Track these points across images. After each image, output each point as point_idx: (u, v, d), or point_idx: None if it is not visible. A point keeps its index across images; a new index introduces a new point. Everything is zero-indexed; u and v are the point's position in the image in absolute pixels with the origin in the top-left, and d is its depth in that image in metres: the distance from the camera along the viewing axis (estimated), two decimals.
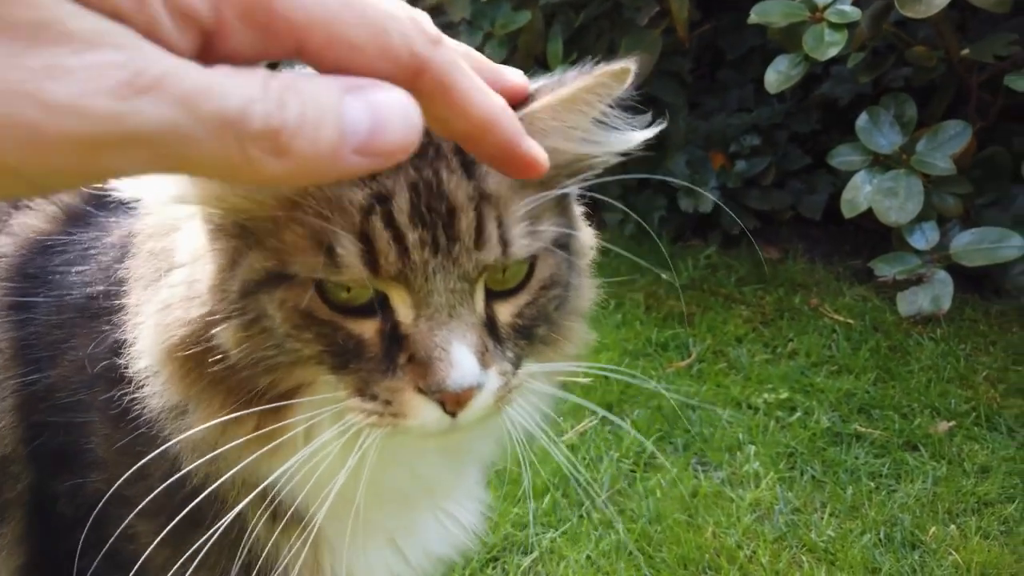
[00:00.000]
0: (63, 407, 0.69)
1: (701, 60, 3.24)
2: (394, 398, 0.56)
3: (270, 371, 0.59)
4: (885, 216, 2.28)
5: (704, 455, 1.74)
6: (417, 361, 0.55)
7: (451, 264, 0.54)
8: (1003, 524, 1.52)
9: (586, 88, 0.55)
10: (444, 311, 0.55)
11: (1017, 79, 2.16)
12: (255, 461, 0.60)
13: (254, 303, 0.56)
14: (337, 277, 0.54)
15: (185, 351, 0.59)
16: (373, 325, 0.56)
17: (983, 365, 1.99)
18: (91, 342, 0.69)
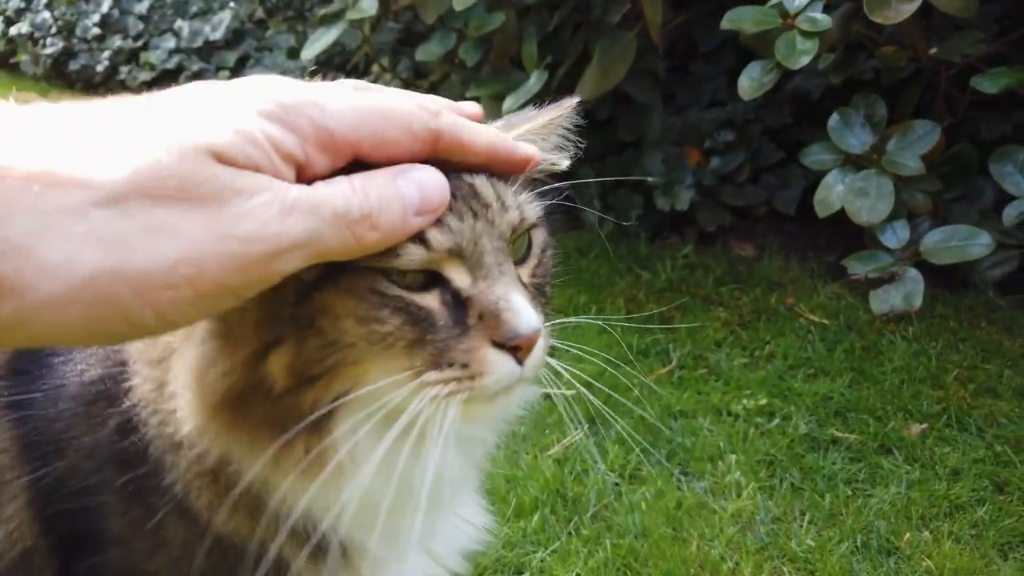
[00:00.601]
0: (75, 494, 0.71)
1: (674, 53, 3.26)
2: (471, 358, 0.61)
3: (316, 380, 0.61)
4: (857, 216, 2.33)
5: (687, 465, 1.79)
6: (487, 317, 0.61)
7: (489, 226, 0.63)
8: (974, 528, 1.58)
9: (547, 124, 0.73)
10: (495, 269, 0.62)
11: (983, 80, 2.20)
12: (304, 492, 0.63)
13: (308, 307, 0.59)
14: (395, 262, 0.58)
15: (233, 398, 0.62)
16: (435, 297, 0.61)
17: (953, 364, 2.06)
18: (93, 427, 0.71)
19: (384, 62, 3.44)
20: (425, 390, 0.61)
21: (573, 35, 2.84)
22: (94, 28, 5.41)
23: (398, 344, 0.60)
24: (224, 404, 0.62)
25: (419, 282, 0.61)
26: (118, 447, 0.69)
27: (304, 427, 0.61)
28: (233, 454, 0.65)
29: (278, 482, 0.64)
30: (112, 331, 0.45)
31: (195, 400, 0.63)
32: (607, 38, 2.62)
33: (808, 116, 2.98)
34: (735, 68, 2.99)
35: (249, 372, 0.61)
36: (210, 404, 0.62)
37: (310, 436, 0.62)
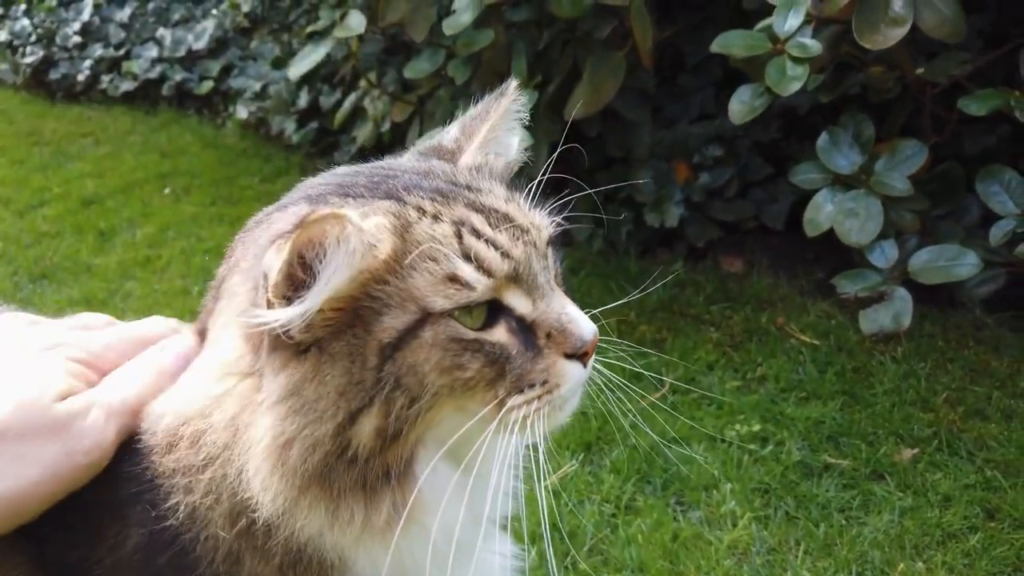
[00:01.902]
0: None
1: (661, 66, 3.26)
2: (549, 374, 0.67)
3: (402, 435, 0.63)
4: (847, 237, 2.34)
5: (682, 494, 1.80)
6: (554, 335, 0.68)
7: (533, 248, 0.68)
8: (966, 557, 1.60)
9: (498, 116, 0.78)
10: (547, 288, 0.69)
11: (971, 103, 2.22)
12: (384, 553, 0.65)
13: (392, 367, 0.62)
14: (469, 297, 0.63)
15: (319, 472, 0.63)
16: (502, 329, 0.66)
17: (943, 385, 2.08)
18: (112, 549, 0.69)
19: (371, 75, 3.42)
20: (511, 415, 0.66)
21: (562, 52, 2.83)
22: (75, 36, 5.35)
23: (479, 386, 0.65)
24: (311, 480, 0.63)
25: (484, 319, 0.65)
26: (148, 563, 0.69)
27: (389, 483, 0.64)
28: (321, 530, 0.65)
29: (360, 549, 0.66)
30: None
31: (278, 482, 0.63)
32: (596, 56, 2.62)
33: (796, 131, 3.00)
34: (723, 81, 3.01)
35: (336, 443, 0.62)
36: (295, 484, 0.63)
37: (395, 491, 0.65)
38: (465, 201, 0.68)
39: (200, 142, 4.30)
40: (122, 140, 4.45)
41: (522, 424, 0.66)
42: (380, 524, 0.64)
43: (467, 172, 0.75)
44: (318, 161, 3.92)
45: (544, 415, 0.68)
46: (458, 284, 0.63)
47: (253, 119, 4.28)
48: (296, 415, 0.62)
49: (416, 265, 0.63)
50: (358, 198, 0.67)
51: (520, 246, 0.67)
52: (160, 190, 3.73)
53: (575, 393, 0.70)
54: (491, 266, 0.64)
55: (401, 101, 3.38)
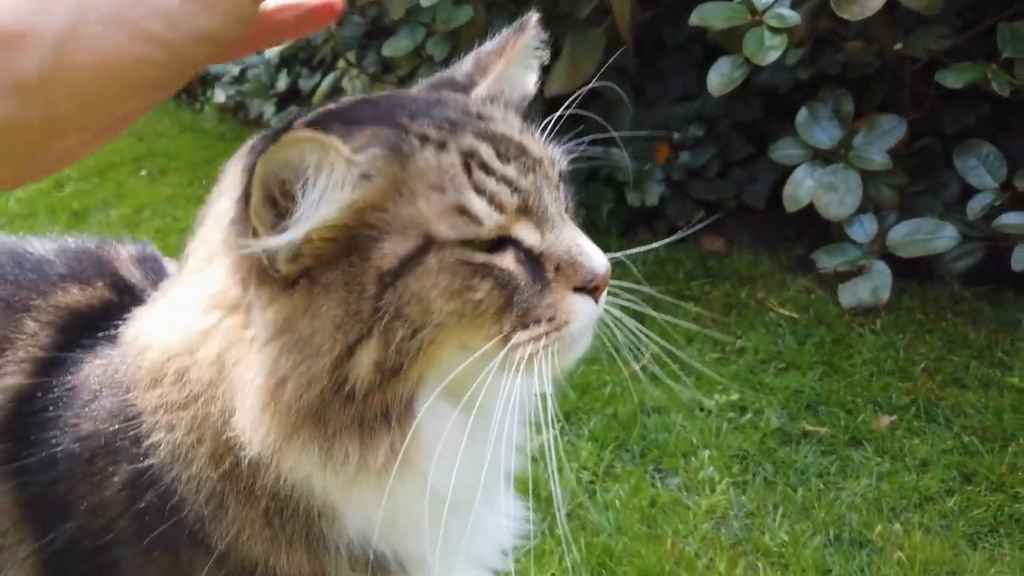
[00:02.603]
0: (89, 554, 0.68)
1: (643, 47, 3.25)
2: (556, 309, 0.64)
3: (402, 370, 0.60)
4: (826, 211, 2.35)
5: (660, 461, 1.78)
6: (563, 267, 0.64)
7: (544, 179, 0.65)
8: (943, 519, 1.60)
9: (516, 52, 0.76)
10: (558, 219, 0.66)
11: (948, 75, 2.23)
12: (379, 500, 0.62)
13: (392, 296, 0.59)
14: (476, 229, 0.61)
15: (315, 410, 0.60)
16: (510, 257, 0.63)
17: (921, 356, 2.08)
18: (97, 486, 0.68)
19: (351, 56, 3.39)
20: (516, 352, 0.62)
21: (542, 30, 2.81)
22: None
23: (488, 312, 0.62)
24: (306, 418, 0.60)
25: (492, 245, 0.63)
26: (132, 502, 0.67)
27: (388, 423, 0.61)
28: (312, 472, 0.62)
29: (353, 494, 0.63)
30: (131, 56, 0.42)
31: (269, 422, 0.60)
32: (576, 33, 2.61)
33: (776, 110, 3.00)
34: (704, 62, 3.00)
35: (333, 378, 0.59)
36: (289, 422, 0.60)
37: (393, 432, 0.62)
38: (474, 130, 0.65)
39: (177, 126, 4.25)
40: None
41: (528, 363, 0.63)
42: (376, 467, 0.62)
43: (479, 102, 0.72)
44: None
45: (551, 354, 0.64)
46: (466, 217, 0.60)
47: (231, 103, 4.24)
48: (290, 351, 0.59)
49: (420, 193, 0.60)
50: (356, 123, 0.64)
51: (530, 177, 0.64)
52: (135, 172, 3.68)
53: (585, 332, 0.66)
54: (502, 201, 0.61)
55: (381, 81, 3.36)
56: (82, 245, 0.86)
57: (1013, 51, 2.17)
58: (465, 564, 0.78)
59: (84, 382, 0.73)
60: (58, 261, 0.82)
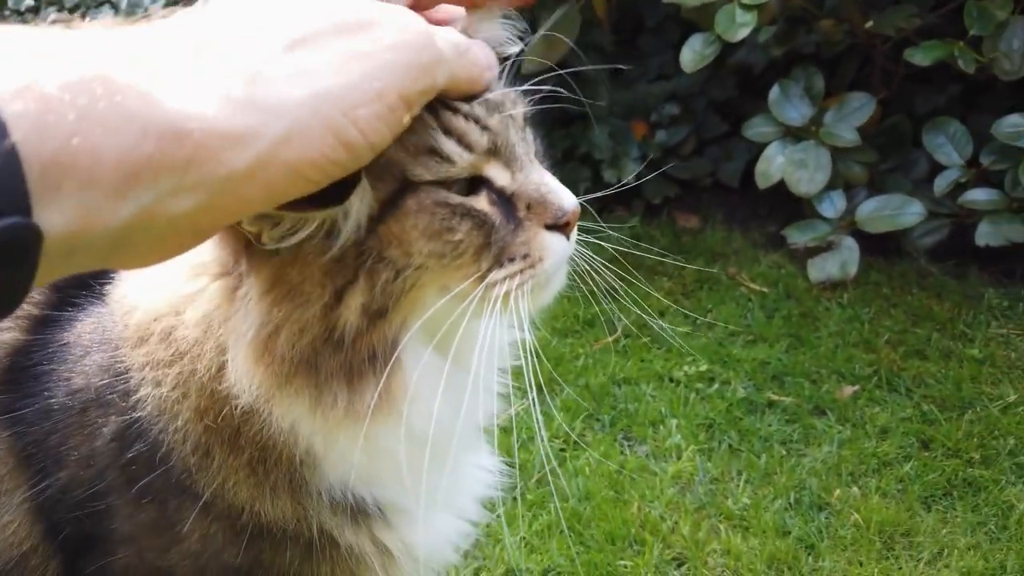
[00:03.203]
0: (80, 502, 0.71)
1: (621, 26, 3.27)
2: (530, 247, 0.65)
3: (387, 312, 0.62)
4: (796, 187, 2.39)
5: (630, 430, 1.83)
6: (534, 205, 0.66)
7: (510, 119, 0.66)
8: (900, 483, 1.66)
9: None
10: (526, 160, 0.67)
11: (916, 52, 2.26)
12: (370, 441, 0.65)
13: (374, 240, 0.61)
14: (449, 169, 0.62)
15: (306, 357, 0.62)
16: (483, 199, 0.64)
17: (885, 328, 2.13)
18: (88, 437, 0.71)
19: None
20: (493, 290, 0.64)
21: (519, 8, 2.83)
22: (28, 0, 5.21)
23: (468, 252, 0.63)
24: (298, 366, 0.62)
25: (465, 189, 0.64)
26: (120, 453, 0.70)
27: (375, 366, 0.63)
28: (300, 419, 0.65)
29: (339, 437, 0.65)
30: (327, 158, 0.48)
31: (263, 372, 0.62)
32: (552, 11, 2.62)
33: (751, 89, 3.03)
34: (680, 42, 3.02)
35: (323, 324, 0.61)
36: (282, 371, 0.62)
37: (379, 374, 0.64)
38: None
39: None
40: None
41: (504, 300, 0.64)
42: (363, 409, 0.64)
43: None
44: None
45: (527, 291, 0.65)
46: (439, 157, 0.61)
47: None
48: (282, 302, 0.61)
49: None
50: None
51: (497, 117, 0.65)
52: None
53: (559, 268, 0.68)
54: (471, 140, 0.62)
55: None
56: None
57: (980, 29, 2.21)
58: (444, 512, 0.80)
59: (76, 339, 0.75)
60: None
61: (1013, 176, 2.25)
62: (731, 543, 1.51)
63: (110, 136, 0.39)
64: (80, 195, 0.39)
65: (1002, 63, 2.25)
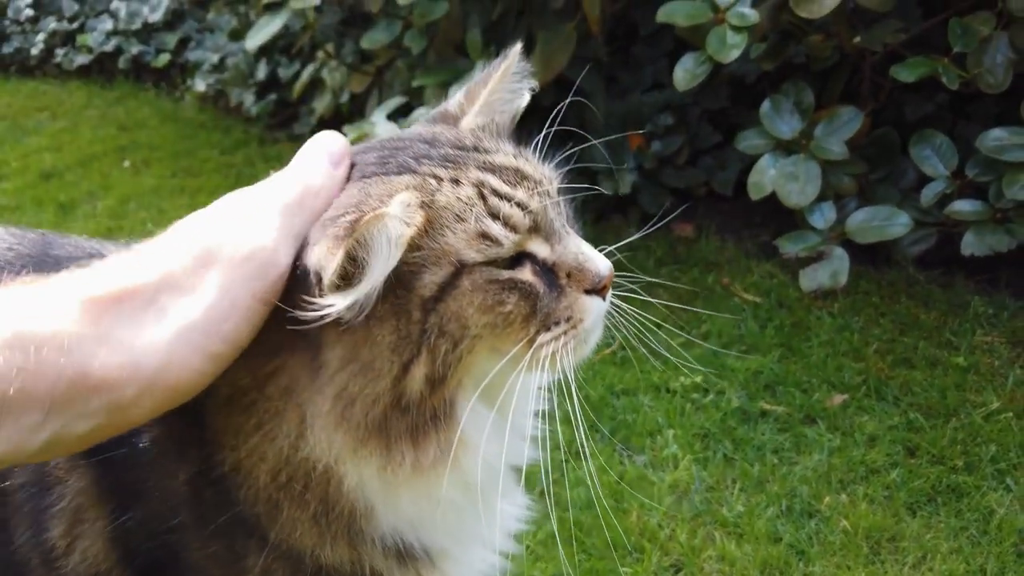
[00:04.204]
0: (156, 534, 0.78)
1: (616, 35, 3.34)
2: (572, 310, 0.74)
3: (446, 378, 0.70)
4: (787, 199, 2.46)
5: (628, 440, 1.90)
6: (574, 273, 0.74)
7: (547, 197, 0.74)
8: (887, 490, 1.73)
9: (499, 78, 0.83)
10: (563, 232, 0.75)
11: (902, 70, 2.33)
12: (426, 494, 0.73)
13: (435, 317, 0.68)
14: (498, 252, 0.70)
15: (378, 424, 0.70)
16: (528, 271, 0.72)
17: (874, 337, 2.21)
18: (166, 477, 0.77)
19: (329, 47, 3.44)
20: (541, 351, 0.73)
21: (516, 23, 2.89)
22: (27, 10, 5.26)
23: (517, 320, 0.71)
24: (371, 431, 0.70)
25: (511, 263, 0.72)
26: (194, 496, 0.77)
27: (436, 425, 0.71)
28: (370, 477, 0.72)
29: (402, 493, 0.73)
30: (199, 373, 0.64)
31: (341, 438, 0.70)
32: (548, 28, 2.69)
33: (744, 99, 3.10)
34: (675, 51, 3.09)
35: (392, 394, 0.69)
36: (358, 436, 0.70)
37: (440, 432, 0.72)
38: (476, 163, 0.74)
39: (158, 115, 4.29)
40: (79, 114, 4.41)
41: (551, 360, 0.73)
42: (427, 464, 0.71)
43: (471, 134, 0.80)
44: (277, 132, 3.94)
45: (571, 349, 0.74)
46: (488, 240, 0.69)
47: (211, 91, 4.27)
48: (356, 377, 0.68)
49: (447, 227, 0.69)
50: (373, 177, 0.72)
51: (536, 198, 0.72)
52: (119, 163, 3.72)
53: (597, 325, 0.77)
54: (515, 222, 0.70)
55: (359, 72, 3.42)
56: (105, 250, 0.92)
57: (964, 46, 2.28)
58: (481, 549, 0.88)
59: None
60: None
61: (997, 188, 2.32)
62: (726, 550, 1.59)
63: (39, 383, 0.56)
64: (10, 431, 0.55)
65: (986, 78, 2.32)
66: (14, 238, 0.90)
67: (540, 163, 0.79)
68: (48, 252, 0.88)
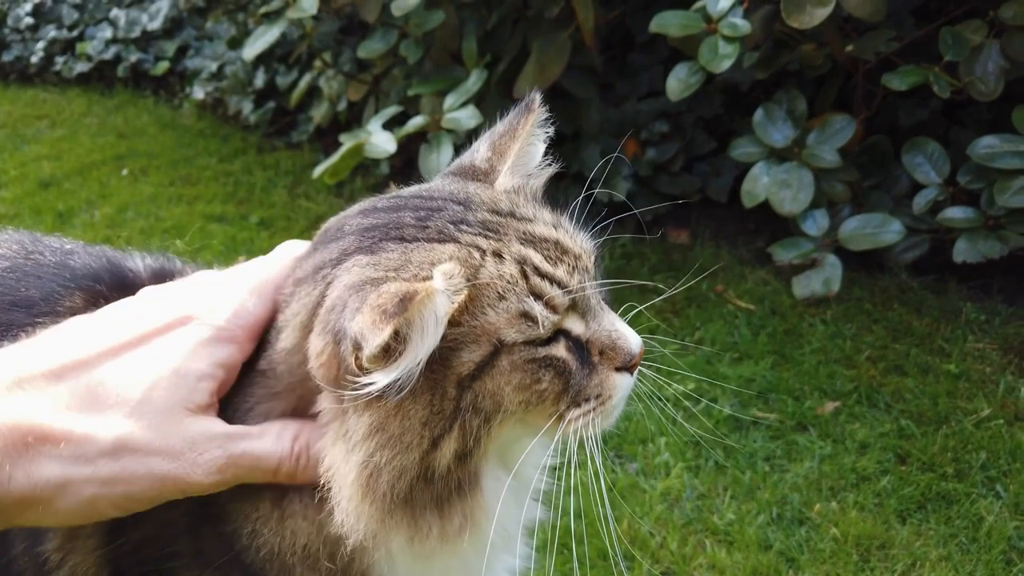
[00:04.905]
0: (150, 559, 0.78)
1: (612, 43, 3.35)
2: (602, 387, 0.74)
3: (475, 451, 0.70)
4: (780, 207, 2.48)
5: (621, 448, 1.92)
6: (606, 351, 0.74)
7: (585, 274, 0.74)
8: (876, 497, 1.74)
9: (527, 132, 0.83)
10: (598, 309, 0.75)
11: (893, 78, 2.35)
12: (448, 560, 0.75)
13: (470, 394, 0.68)
14: (538, 331, 0.69)
15: (405, 495, 0.69)
16: (562, 347, 0.72)
17: (867, 344, 2.22)
18: (166, 507, 0.75)
19: (326, 56, 3.46)
20: (570, 427, 0.74)
21: (512, 32, 2.91)
22: (27, 18, 5.29)
23: (550, 397, 0.72)
24: (397, 502, 0.69)
25: (547, 340, 0.71)
26: (192, 529, 0.77)
27: (461, 495, 0.72)
28: (398, 548, 0.73)
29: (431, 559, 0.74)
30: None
31: (369, 509, 0.69)
32: (543, 37, 2.71)
33: (738, 107, 3.12)
34: (670, 59, 3.11)
35: (420, 467, 0.69)
36: (385, 507, 0.69)
37: (464, 501, 0.72)
38: (517, 234, 0.72)
39: (157, 123, 4.31)
40: (78, 122, 4.43)
41: (576, 433, 0.75)
42: (452, 533, 0.72)
43: (506, 197, 0.77)
44: (275, 141, 3.96)
45: (598, 423, 0.75)
46: (529, 320, 0.68)
47: (210, 99, 4.29)
48: (383, 448, 0.68)
49: (488, 305, 0.68)
50: (414, 242, 0.70)
51: (576, 277, 0.72)
52: (118, 171, 3.74)
53: (623, 400, 0.78)
54: (556, 303, 0.69)
55: (356, 80, 3.44)
56: (101, 255, 0.90)
57: (955, 54, 2.30)
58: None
59: None
60: (75, 266, 0.86)
61: (989, 195, 2.34)
62: (716, 557, 1.60)
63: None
64: None
65: (977, 86, 2.33)
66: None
67: (577, 234, 0.78)
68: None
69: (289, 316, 0.73)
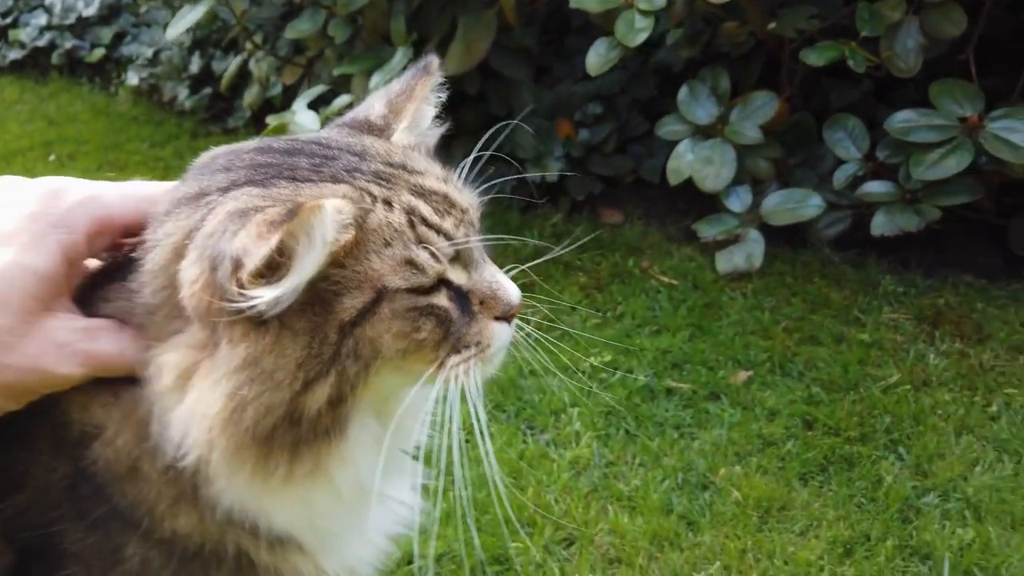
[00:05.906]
0: (35, 523, 0.76)
1: (550, 26, 3.35)
2: (481, 335, 0.77)
3: (348, 398, 0.70)
4: (703, 183, 2.49)
5: (533, 419, 1.91)
6: (486, 300, 0.77)
7: (470, 227, 0.76)
8: (780, 461, 1.76)
9: (423, 94, 0.85)
10: (480, 261, 0.77)
11: (811, 53, 2.37)
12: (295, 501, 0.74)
13: (351, 340, 0.68)
14: (421, 279, 0.71)
15: (265, 434, 0.68)
16: (443, 296, 0.73)
17: (784, 316, 2.24)
18: (45, 471, 0.76)
19: (257, 39, 3.41)
20: (449, 372, 0.75)
21: (441, 12, 2.89)
22: None
23: (429, 345, 0.73)
24: (254, 441, 0.68)
25: (429, 289, 0.72)
26: (71, 490, 0.76)
27: (325, 439, 0.71)
28: (239, 484, 0.71)
29: (272, 499, 0.73)
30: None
31: (225, 442, 0.67)
32: (470, 15, 2.69)
33: (672, 89, 3.12)
34: None
35: (288, 408, 0.68)
36: (240, 443, 0.68)
37: (323, 446, 0.71)
38: (408, 186, 0.73)
39: (90, 110, 4.21)
40: (7, 109, 4.32)
41: (456, 380, 0.76)
42: (299, 476, 0.71)
43: (400, 151, 0.79)
44: (211, 126, 3.90)
45: (478, 371, 0.77)
46: (414, 268, 0.70)
47: (145, 86, 4.20)
48: (253, 383, 0.66)
49: (373, 251, 0.68)
50: (307, 182, 0.70)
51: (462, 229, 0.74)
52: (44, 157, 3.65)
53: (503, 349, 0.80)
54: (441, 252, 0.71)
55: (292, 64, 3.39)
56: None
57: (871, 30, 2.32)
58: (358, 540, 0.88)
59: None
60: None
61: (906, 169, 2.37)
62: (618, 522, 1.60)
63: None
64: None
65: (896, 62, 2.37)
66: None
67: (465, 189, 0.80)
68: None
69: (161, 236, 0.71)
